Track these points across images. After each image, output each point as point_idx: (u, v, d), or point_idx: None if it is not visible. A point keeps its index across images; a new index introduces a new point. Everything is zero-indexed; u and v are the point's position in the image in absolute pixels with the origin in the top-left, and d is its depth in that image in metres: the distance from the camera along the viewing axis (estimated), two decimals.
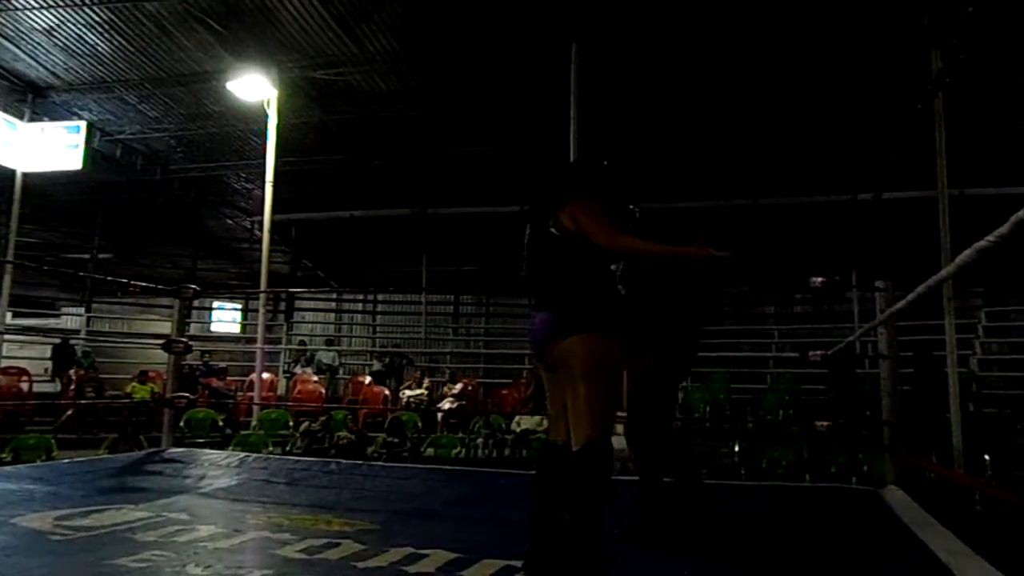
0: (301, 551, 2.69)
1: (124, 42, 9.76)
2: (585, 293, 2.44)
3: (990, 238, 1.35)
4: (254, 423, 9.37)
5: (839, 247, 11.35)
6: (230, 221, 16.51)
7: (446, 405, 10.60)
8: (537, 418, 9.22)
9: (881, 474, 4.06)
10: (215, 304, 17.09)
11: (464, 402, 10.83)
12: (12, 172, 11.04)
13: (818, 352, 4.08)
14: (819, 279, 3.79)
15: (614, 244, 2.43)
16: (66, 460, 5.14)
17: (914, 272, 3.78)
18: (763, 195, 12.09)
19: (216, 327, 17.13)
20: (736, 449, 7.47)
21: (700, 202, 12.27)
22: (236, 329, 16.97)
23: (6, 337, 11.75)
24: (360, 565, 2.54)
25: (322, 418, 8.85)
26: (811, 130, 10.39)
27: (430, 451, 8.78)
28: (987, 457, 6.49)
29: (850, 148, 10.42)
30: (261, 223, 10.77)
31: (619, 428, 3.07)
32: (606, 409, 2.37)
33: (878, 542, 2.96)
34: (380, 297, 17.05)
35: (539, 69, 9.39)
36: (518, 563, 2.51)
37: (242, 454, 5.27)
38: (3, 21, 9.26)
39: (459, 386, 11.24)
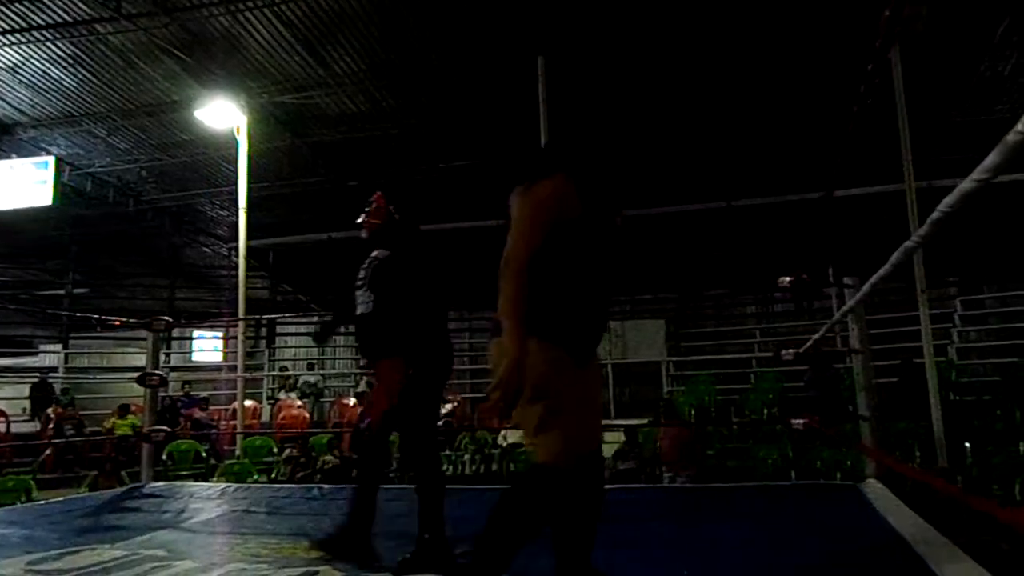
0: None
1: (89, 75, 9.71)
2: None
3: (915, 238, 1.38)
4: (238, 452, 9.28)
5: (814, 245, 11.45)
6: (207, 249, 16.40)
7: None
8: (522, 431, 9.20)
9: (861, 469, 4.10)
10: (195, 334, 16.93)
11: (451, 419, 10.78)
12: None
13: (790, 351, 4.10)
14: (787, 279, 3.82)
15: (507, 262, 2.02)
16: (43, 501, 5.06)
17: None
18: (736, 197, 12.19)
19: (197, 356, 16.96)
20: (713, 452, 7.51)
21: (675, 207, 12.36)
22: (218, 358, 16.81)
23: None
24: None
25: (297, 444, 8.78)
26: (780, 129, 10.51)
27: None
28: (968, 444, 6.56)
29: (819, 145, 10.54)
30: (237, 250, 10.70)
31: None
32: (560, 426, 1.98)
33: (854, 536, 2.97)
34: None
35: (508, 82, 9.43)
36: None
37: (223, 485, 5.21)
38: None
39: (449, 405, 11.17)
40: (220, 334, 16.79)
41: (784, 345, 5.32)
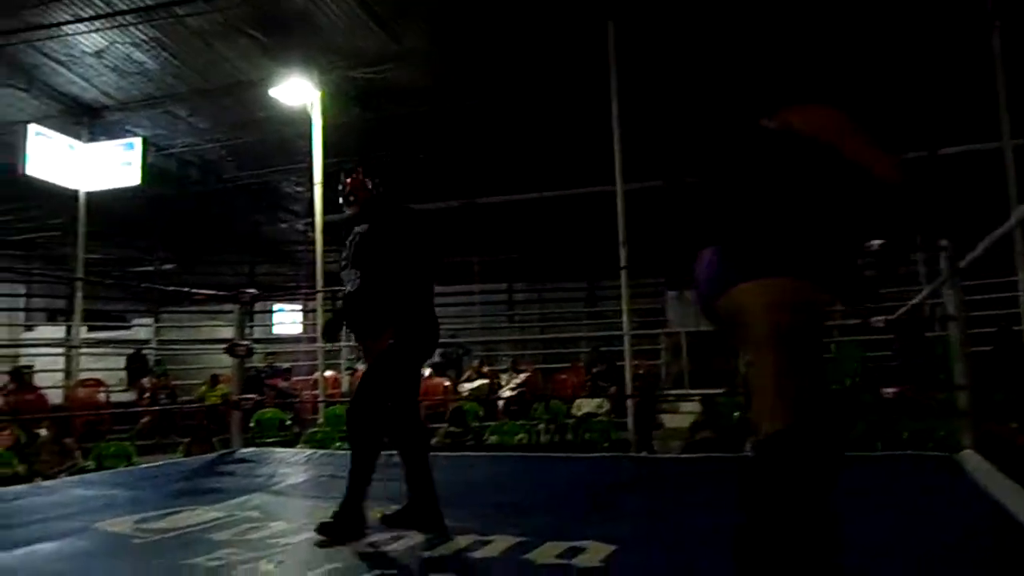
0: (369, 544, 2.74)
1: (170, 57, 10.03)
2: (784, 215, 1.70)
3: None
4: (320, 420, 9.58)
5: (897, 207, 10.94)
6: (284, 225, 16.85)
7: (507, 393, 10.64)
8: (597, 401, 9.19)
9: (956, 440, 3.93)
10: (275, 307, 17.47)
11: (524, 389, 10.86)
12: (75, 192, 11.50)
13: (881, 318, 3.95)
14: (877, 242, 3.64)
15: (897, 176, 1.69)
16: (144, 465, 5.35)
17: (983, 230, 3.60)
18: None
19: (277, 329, 17.52)
20: None
21: None
22: (298, 330, 17.32)
23: (82, 350, 12.29)
24: (426, 554, 2.57)
25: None
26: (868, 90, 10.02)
27: (493, 439, 8.84)
28: None
29: (911, 104, 10.02)
30: (314, 225, 10.95)
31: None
32: (803, 383, 1.65)
33: (955, 507, 2.86)
34: (435, 289, 17.15)
35: (576, 50, 9.29)
36: (582, 544, 2.52)
37: (309, 451, 5.40)
38: (55, 47, 9.62)
39: (523, 375, 11.24)
40: (299, 307, 17.28)
41: (868, 313, 5.13)
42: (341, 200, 3.29)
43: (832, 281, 1.76)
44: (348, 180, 3.27)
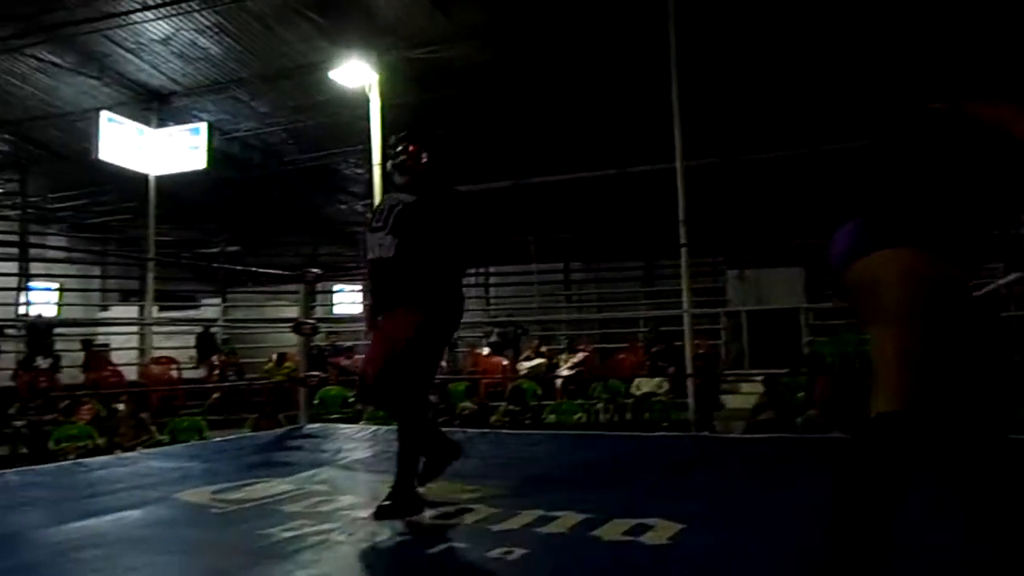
0: (436, 517, 2.79)
1: (233, 43, 10.26)
2: (934, 190, 1.72)
3: None
4: None
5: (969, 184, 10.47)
6: (343, 206, 17.11)
7: (564, 372, 10.65)
8: (656, 380, 9.13)
9: None
10: (336, 288, 17.79)
11: (582, 368, 10.84)
12: (145, 176, 11.90)
13: None
14: None
15: None
16: (217, 439, 5.54)
17: None
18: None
19: (338, 309, 17.86)
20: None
21: (811, 148, 11.64)
22: (358, 310, 17.61)
23: (154, 329, 12.77)
24: (494, 528, 2.60)
25: (435, 391, 9.13)
26: (929, 66, 9.58)
27: (552, 418, 8.87)
28: None
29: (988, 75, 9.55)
30: (372, 206, 11.09)
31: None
32: (928, 362, 1.58)
33: None
34: (492, 269, 17.20)
35: (635, 27, 9.13)
36: (649, 521, 2.51)
37: (373, 427, 5.50)
38: (124, 35, 9.94)
39: (580, 355, 11.22)
40: (359, 287, 17.55)
41: None
42: (393, 166, 3.26)
43: (970, 258, 1.72)
44: (400, 150, 3.24)
